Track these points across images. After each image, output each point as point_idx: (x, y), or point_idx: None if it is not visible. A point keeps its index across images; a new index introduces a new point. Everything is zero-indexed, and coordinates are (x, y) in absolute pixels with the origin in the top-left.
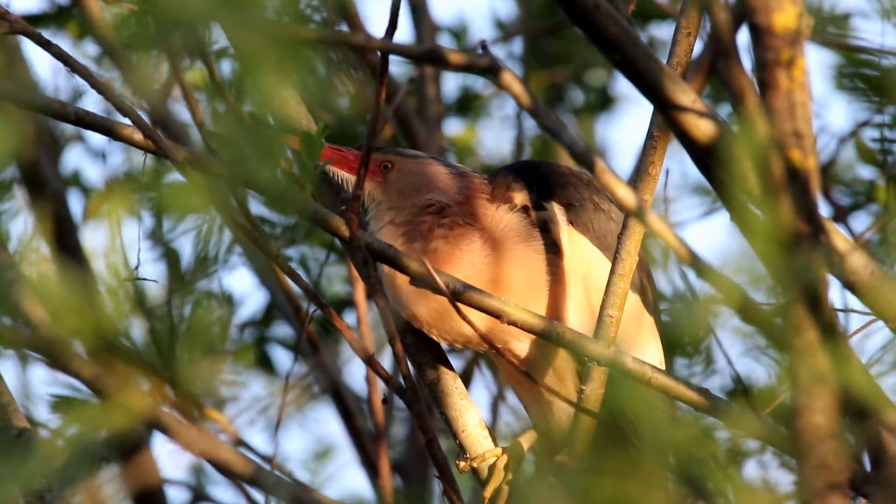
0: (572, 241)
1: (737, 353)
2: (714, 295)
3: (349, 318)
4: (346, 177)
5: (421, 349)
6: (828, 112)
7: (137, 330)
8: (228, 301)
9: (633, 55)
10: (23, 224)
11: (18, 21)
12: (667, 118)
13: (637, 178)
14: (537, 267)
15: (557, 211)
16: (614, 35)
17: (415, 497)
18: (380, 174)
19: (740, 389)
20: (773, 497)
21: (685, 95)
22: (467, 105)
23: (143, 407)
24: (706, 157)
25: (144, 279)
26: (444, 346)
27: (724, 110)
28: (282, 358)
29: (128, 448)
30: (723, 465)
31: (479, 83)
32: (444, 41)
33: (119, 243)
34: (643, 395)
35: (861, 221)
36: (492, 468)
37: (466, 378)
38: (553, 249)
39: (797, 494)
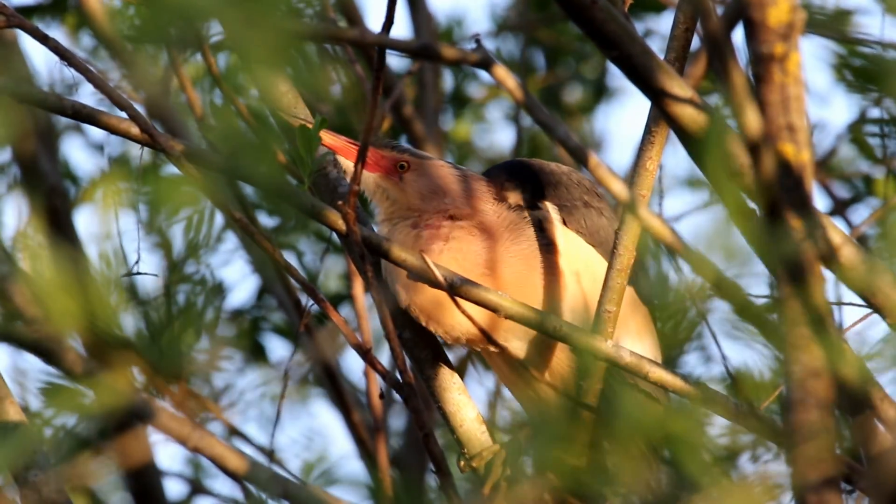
0: (567, 239)
1: (732, 345)
2: (709, 287)
3: (348, 312)
4: (349, 165)
5: (419, 344)
6: (829, 105)
7: (131, 318)
8: (219, 289)
9: (629, 51)
10: (18, 215)
11: (15, 15)
12: (663, 113)
13: (634, 174)
14: (534, 264)
15: (551, 210)
16: (611, 31)
17: (412, 490)
18: (396, 173)
19: (734, 383)
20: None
21: (682, 90)
22: (464, 103)
23: (136, 397)
24: (702, 150)
25: (141, 273)
26: (440, 340)
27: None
28: (276, 347)
29: (119, 426)
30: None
31: (475, 86)
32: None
33: (114, 231)
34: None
35: (860, 214)
36: (490, 464)
37: (462, 373)
38: (549, 248)
39: (791, 488)
